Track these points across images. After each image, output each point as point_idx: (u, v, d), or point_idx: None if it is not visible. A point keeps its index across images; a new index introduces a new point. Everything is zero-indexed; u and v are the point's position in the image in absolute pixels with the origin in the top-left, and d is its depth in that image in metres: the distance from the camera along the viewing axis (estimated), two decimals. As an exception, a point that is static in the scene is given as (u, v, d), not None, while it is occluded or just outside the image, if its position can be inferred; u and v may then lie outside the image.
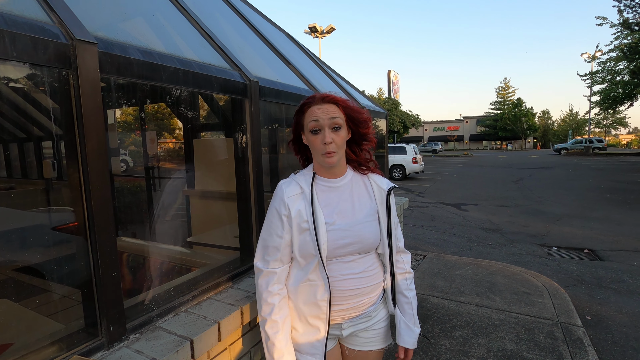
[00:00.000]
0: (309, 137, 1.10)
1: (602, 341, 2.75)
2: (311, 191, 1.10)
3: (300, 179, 1.14)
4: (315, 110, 1.08)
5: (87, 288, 0.93)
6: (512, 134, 49.79)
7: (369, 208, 1.16)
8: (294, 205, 1.09)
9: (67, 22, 0.88)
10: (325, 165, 1.10)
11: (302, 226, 1.08)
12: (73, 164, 0.89)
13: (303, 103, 1.13)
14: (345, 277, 1.11)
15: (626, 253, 4.97)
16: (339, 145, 1.09)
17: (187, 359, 0.97)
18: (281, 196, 1.10)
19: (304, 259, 1.09)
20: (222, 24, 2.01)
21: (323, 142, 1.06)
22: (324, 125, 1.07)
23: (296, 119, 1.16)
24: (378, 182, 1.20)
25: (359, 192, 1.18)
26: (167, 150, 10.04)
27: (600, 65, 20.75)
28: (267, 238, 1.11)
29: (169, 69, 1.11)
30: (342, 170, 1.17)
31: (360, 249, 1.12)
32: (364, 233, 1.12)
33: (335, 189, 1.15)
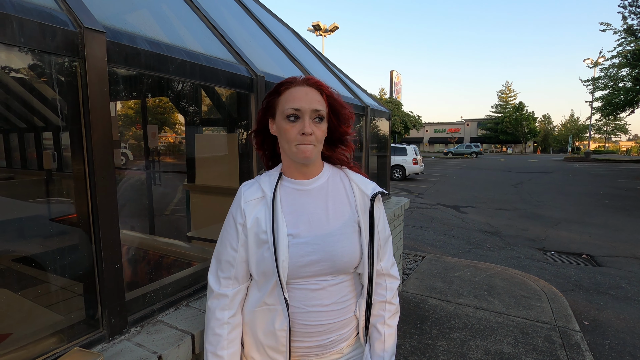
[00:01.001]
0: (282, 125, 0.89)
1: (599, 346, 2.76)
2: (273, 195, 0.91)
3: (263, 180, 0.95)
4: (297, 94, 0.88)
5: (89, 280, 0.93)
6: (512, 138, 49.83)
7: (348, 217, 0.94)
8: (251, 212, 0.90)
9: (76, 9, 0.87)
10: (299, 159, 0.89)
11: (260, 237, 0.89)
12: (78, 154, 0.88)
13: (280, 83, 0.93)
14: (310, 308, 0.90)
15: (624, 259, 4.98)
16: (319, 139, 0.90)
17: (188, 354, 0.96)
18: (238, 201, 0.93)
19: (261, 277, 0.90)
20: (228, 17, 2.00)
21: (301, 132, 0.87)
22: (305, 113, 0.87)
23: (267, 102, 0.95)
24: (361, 186, 0.98)
25: (336, 197, 0.96)
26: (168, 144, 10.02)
27: (602, 71, 20.75)
28: (220, 250, 0.94)
29: (177, 61, 1.10)
30: (317, 170, 0.97)
31: (331, 268, 0.90)
32: (336, 248, 0.89)
33: (305, 193, 0.94)
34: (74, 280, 0.99)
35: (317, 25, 21.50)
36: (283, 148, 0.93)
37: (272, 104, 0.93)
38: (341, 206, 0.95)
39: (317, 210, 0.93)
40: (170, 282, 1.19)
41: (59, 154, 3.55)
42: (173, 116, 9.42)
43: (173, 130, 10.96)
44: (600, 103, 21.88)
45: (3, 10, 0.71)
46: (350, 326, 0.97)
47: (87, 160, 0.87)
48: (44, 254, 1.24)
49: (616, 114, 21.93)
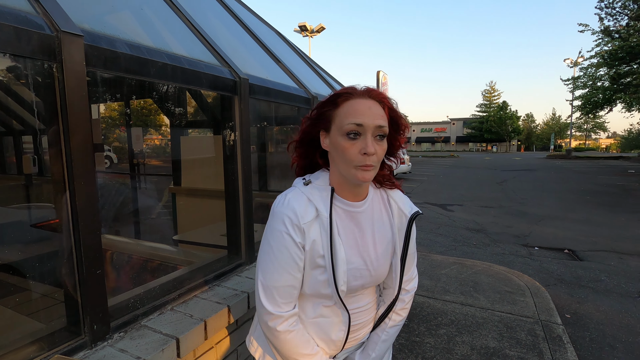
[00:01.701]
0: (340, 141, 0.81)
1: (580, 339, 2.84)
2: (330, 217, 0.84)
3: (314, 195, 0.86)
4: (359, 107, 0.81)
5: (70, 286, 0.91)
6: (497, 136, 50.85)
7: (388, 240, 0.94)
8: (309, 233, 0.83)
9: (52, 13, 0.86)
10: (357, 182, 0.83)
11: (316, 261, 0.85)
12: (57, 159, 0.87)
13: (338, 94, 0.85)
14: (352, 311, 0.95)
15: (604, 253, 5.13)
16: (380, 159, 0.84)
17: (172, 358, 0.96)
18: (294, 220, 0.83)
19: (314, 297, 0.90)
20: (211, 20, 1.99)
21: (363, 152, 0.79)
22: (367, 130, 0.80)
23: (321, 112, 0.86)
24: (400, 205, 0.96)
25: (379, 219, 0.94)
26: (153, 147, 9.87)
27: (582, 71, 21.37)
28: (277, 276, 0.84)
29: (158, 64, 1.10)
30: (366, 190, 0.92)
31: (371, 285, 0.96)
32: (379, 272, 0.93)
33: (355, 215, 0.91)
34: (54, 287, 0.97)
35: (303, 26, 21.50)
36: (337, 165, 0.85)
37: (326, 115, 0.85)
38: (384, 230, 0.94)
39: (365, 234, 0.91)
40: (155, 286, 1.19)
41: (39, 158, 3.46)
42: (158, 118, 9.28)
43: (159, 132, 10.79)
44: (580, 102, 22.54)
45: (-24, 14, 0.70)
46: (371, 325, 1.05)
47: (67, 165, 0.86)
48: (24, 260, 1.22)
49: (595, 112, 22.61)
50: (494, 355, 2.41)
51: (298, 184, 0.90)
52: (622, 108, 22.64)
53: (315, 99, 2.06)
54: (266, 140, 2.99)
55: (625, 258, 4.88)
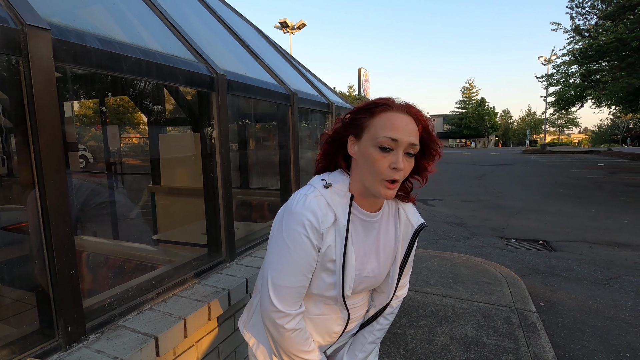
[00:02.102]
0: (371, 152, 0.81)
1: (553, 325, 2.97)
2: (347, 224, 0.85)
3: (334, 200, 0.86)
4: (397, 122, 0.81)
5: (42, 288, 0.89)
6: (476, 132, 52.13)
7: (392, 248, 0.97)
8: (326, 238, 0.84)
9: (17, 6, 0.83)
10: (380, 196, 0.84)
11: (327, 265, 0.86)
12: (25, 158, 0.84)
13: (376, 103, 0.85)
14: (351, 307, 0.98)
15: (576, 243, 5.37)
16: (406, 175, 0.85)
17: (151, 357, 0.95)
18: (315, 224, 0.82)
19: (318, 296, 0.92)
20: (188, 15, 1.96)
21: (392, 167, 0.80)
22: (400, 146, 0.80)
23: (355, 117, 0.87)
24: (409, 216, 0.98)
25: (387, 229, 0.97)
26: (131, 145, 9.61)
27: (555, 68, 22.13)
28: (291, 278, 0.85)
29: (131, 59, 1.07)
30: (382, 202, 0.94)
31: (370, 288, 1.00)
32: (379, 278, 0.97)
33: (369, 225, 0.92)
34: (26, 290, 0.95)
35: (284, 23, 21.34)
36: (363, 174, 0.85)
37: (360, 122, 0.85)
38: (389, 238, 0.96)
39: (376, 244, 0.94)
40: (133, 285, 1.17)
41: (8, 158, 3.32)
42: (136, 116, 9.03)
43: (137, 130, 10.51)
44: (554, 98, 23.35)
45: None
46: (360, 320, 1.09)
47: (35, 164, 0.84)
48: None
49: (568, 108, 23.49)
50: (472, 344, 2.49)
51: (317, 185, 0.88)
52: (593, 104, 23.65)
53: (295, 95, 2.06)
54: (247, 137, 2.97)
55: (595, 247, 5.12)
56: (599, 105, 23.20)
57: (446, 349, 2.44)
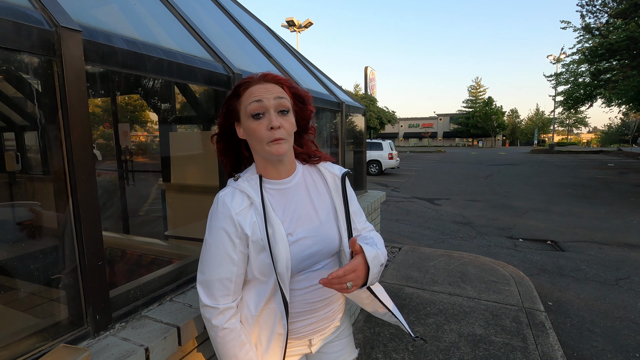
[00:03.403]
0: (249, 124, 0.88)
1: (561, 324, 2.97)
2: (262, 199, 0.89)
3: (244, 186, 0.90)
4: (257, 91, 0.88)
5: (72, 278, 0.93)
6: (482, 132, 51.70)
7: (329, 206, 0.99)
8: (246, 222, 0.87)
9: (50, 8, 0.86)
10: (273, 157, 0.88)
11: (259, 244, 0.88)
12: (57, 152, 0.88)
13: (237, 84, 0.92)
14: (315, 287, 0.96)
15: (584, 244, 5.34)
16: (289, 131, 0.90)
17: (174, 345, 0.99)
18: (227, 213, 0.87)
19: (265, 276, 0.91)
20: (202, 15, 2.00)
21: (269, 127, 0.86)
22: (269, 107, 0.87)
23: (227, 107, 0.93)
24: (330, 169, 1.02)
25: (315, 189, 0.99)
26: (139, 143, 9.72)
27: (564, 67, 21.88)
28: (213, 270, 0.88)
29: (154, 59, 1.11)
30: (292, 167, 0.97)
31: (326, 253, 0.97)
32: (328, 235, 0.96)
33: (288, 191, 0.95)
34: (56, 281, 0.99)
35: (291, 21, 21.36)
36: (255, 149, 0.92)
37: (233, 107, 0.92)
38: (322, 197, 0.99)
39: (304, 204, 0.95)
40: (153, 278, 1.21)
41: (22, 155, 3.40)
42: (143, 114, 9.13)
43: (144, 128, 10.62)
44: (563, 97, 23.08)
45: (-23, 9, 0.71)
46: (342, 298, 1.09)
47: (67, 159, 0.88)
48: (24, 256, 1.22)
49: (577, 108, 23.19)
50: (481, 342, 2.50)
51: (230, 183, 0.95)
52: (602, 103, 23.33)
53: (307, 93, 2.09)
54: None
55: (604, 248, 5.08)
56: (609, 104, 22.89)
57: (454, 346, 2.46)
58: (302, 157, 1.02)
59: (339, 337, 1.11)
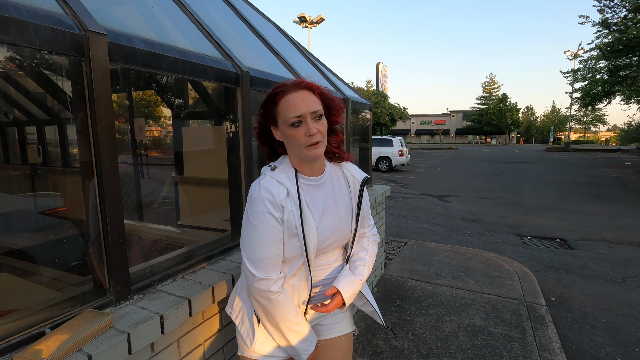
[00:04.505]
0: (288, 132, 0.99)
1: (563, 319, 3.01)
2: (298, 192, 1.01)
3: (281, 177, 1.02)
4: (294, 101, 0.97)
5: (98, 253, 1.06)
6: (496, 129, 50.86)
7: (347, 202, 1.13)
8: (286, 209, 0.99)
9: (80, 14, 0.98)
10: (311, 158, 1.00)
11: (293, 231, 1.00)
12: (85, 142, 1.01)
13: (273, 93, 1.01)
14: (321, 267, 1.11)
15: (594, 242, 5.30)
16: (324, 134, 1.00)
17: (185, 315, 1.11)
18: (271, 199, 0.98)
19: (289, 261, 1.04)
20: (214, 15, 2.11)
21: (307, 134, 0.97)
22: (306, 115, 0.97)
23: (265, 110, 1.04)
24: (353, 173, 1.16)
25: (339, 187, 1.13)
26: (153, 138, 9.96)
27: (582, 63, 21.34)
28: (264, 249, 0.98)
29: (169, 59, 1.22)
30: (323, 166, 1.11)
31: (339, 243, 1.13)
32: (345, 231, 1.11)
33: (318, 187, 1.08)
34: (85, 256, 1.11)
35: (302, 17, 21.40)
36: (293, 151, 1.04)
37: (271, 113, 1.03)
38: (342, 195, 1.13)
39: (329, 201, 1.09)
40: (167, 258, 1.33)
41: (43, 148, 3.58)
42: (157, 110, 9.36)
43: (158, 124, 10.87)
44: (580, 94, 22.53)
45: (21, 17, 0.83)
46: None
47: (94, 148, 1.00)
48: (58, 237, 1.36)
49: (594, 105, 22.61)
50: (480, 332, 2.57)
51: (266, 171, 1.06)
52: (621, 100, 22.68)
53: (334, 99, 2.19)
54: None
55: (615, 246, 5.05)
56: (627, 101, 22.24)
57: (453, 335, 2.53)
58: (328, 156, 1.14)
59: (335, 312, 1.21)
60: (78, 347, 0.88)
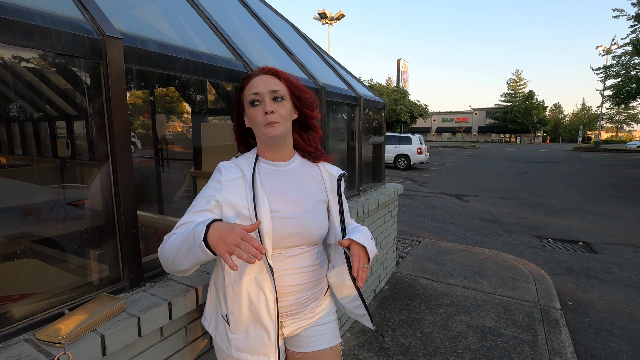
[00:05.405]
0: (249, 112, 1.01)
1: (578, 323, 2.94)
2: (253, 174, 1.00)
3: (241, 161, 1.04)
4: (255, 82, 1.01)
5: (112, 242, 1.14)
6: (521, 127, 49.21)
7: (318, 197, 1.08)
8: (231, 189, 0.98)
9: (98, 20, 1.05)
10: (268, 138, 1.00)
11: (242, 213, 0.96)
12: (102, 138, 1.08)
13: (243, 79, 1.06)
14: (289, 271, 1.02)
15: (619, 246, 5.10)
16: (283, 116, 0.99)
17: (192, 302, 1.18)
18: (219, 178, 1.00)
19: None
20: (228, 14, 2.17)
21: (264, 112, 0.97)
22: (264, 95, 0.98)
23: (237, 99, 1.08)
24: (328, 169, 1.13)
25: (308, 179, 1.09)
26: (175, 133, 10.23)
27: (615, 59, 20.35)
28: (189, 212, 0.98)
29: (181, 60, 1.29)
30: (289, 154, 1.09)
31: (307, 239, 1.03)
32: (312, 223, 1.03)
33: (281, 174, 1.06)
34: (101, 245, 1.20)
35: (323, 14, 21.36)
36: (256, 133, 1.04)
37: (240, 100, 1.06)
38: (312, 188, 1.09)
39: (293, 189, 1.04)
40: (178, 249, 1.40)
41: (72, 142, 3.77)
42: (180, 105, 9.63)
43: (180, 119, 11.15)
44: (612, 92, 21.51)
45: (44, 24, 0.90)
46: (321, 286, 1.12)
47: (110, 143, 1.07)
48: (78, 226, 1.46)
49: (627, 103, 21.53)
50: (489, 334, 2.55)
51: (232, 159, 1.09)
52: (658, 98, 21.47)
53: (324, 89, 2.22)
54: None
55: (640, 251, 4.84)
56: (664, 99, 21.04)
57: (462, 335, 2.52)
58: (302, 153, 1.13)
59: (317, 324, 1.13)
60: (93, 328, 0.96)
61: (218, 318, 1.07)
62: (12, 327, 0.91)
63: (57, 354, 0.85)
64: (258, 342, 1.00)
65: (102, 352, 0.93)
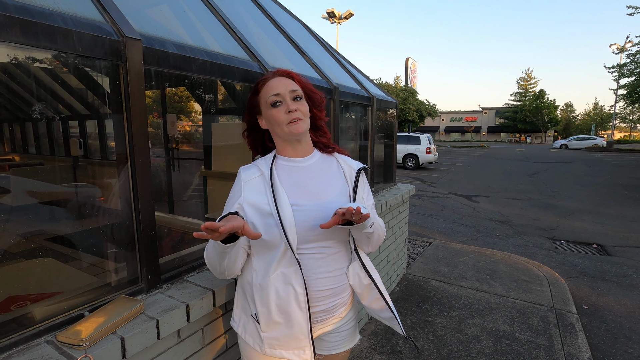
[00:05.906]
0: (269, 112, 1.02)
1: (595, 328, 2.87)
2: (270, 172, 1.02)
3: (259, 162, 1.07)
4: (273, 84, 1.03)
5: (131, 244, 1.13)
6: (531, 127, 48.49)
7: (340, 188, 1.07)
8: (251, 189, 1.01)
9: (118, 21, 1.05)
10: (293, 136, 1.02)
11: (263, 208, 0.98)
12: (121, 139, 1.08)
13: (256, 82, 1.08)
14: (318, 275, 1.01)
15: (635, 249, 4.99)
16: (305, 113, 1.03)
17: (209, 305, 1.17)
18: (239, 180, 1.04)
19: (271, 245, 0.97)
20: (242, 15, 2.16)
21: (287, 111, 1.00)
22: (285, 96, 1.01)
23: (251, 103, 1.09)
24: (348, 162, 1.13)
25: (330, 171, 1.09)
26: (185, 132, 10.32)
27: (629, 57, 19.93)
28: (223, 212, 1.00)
29: (198, 61, 1.28)
30: (309, 149, 1.10)
31: (332, 232, 1.01)
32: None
33: (301, 169, 1.06)
34: (120, 247, 1.20)
35: (331, 13, 21.30)
36: (276, 133, 1.06)
37: (255, 103, 1.08)
38: (334, 179, 1.08)
39: (314, 183, 1.05)
40: (194, 250, 1.40)
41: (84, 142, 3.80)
42: (189, 105, 9.70)
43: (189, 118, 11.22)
44: (626, 90, 21.08)
45: (66, 26, 0.90)
46: (348, 291, 1.12)
47: (129, 144, 1.07)
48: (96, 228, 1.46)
49: (642, 102, 21.09)
50: (503, 338, 2.51)
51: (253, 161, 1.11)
52: (674, 98, 20.99)
53: (337, 89, 2.20)
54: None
55: (658, 254, 4.73)
56: (681, 99, 20.55)
57: (476, 339, 2.49)
58: (318, 146, 1.14)
59: (340, 330, 1.14)
60: (112, 330, 0.95)
61: (247, 318, 1.07)
62: (34, 328, 0.92)
63: (78, 356, 0.85)
64: (291, 337, 1.00)
65: (122, 354, 0.93)
